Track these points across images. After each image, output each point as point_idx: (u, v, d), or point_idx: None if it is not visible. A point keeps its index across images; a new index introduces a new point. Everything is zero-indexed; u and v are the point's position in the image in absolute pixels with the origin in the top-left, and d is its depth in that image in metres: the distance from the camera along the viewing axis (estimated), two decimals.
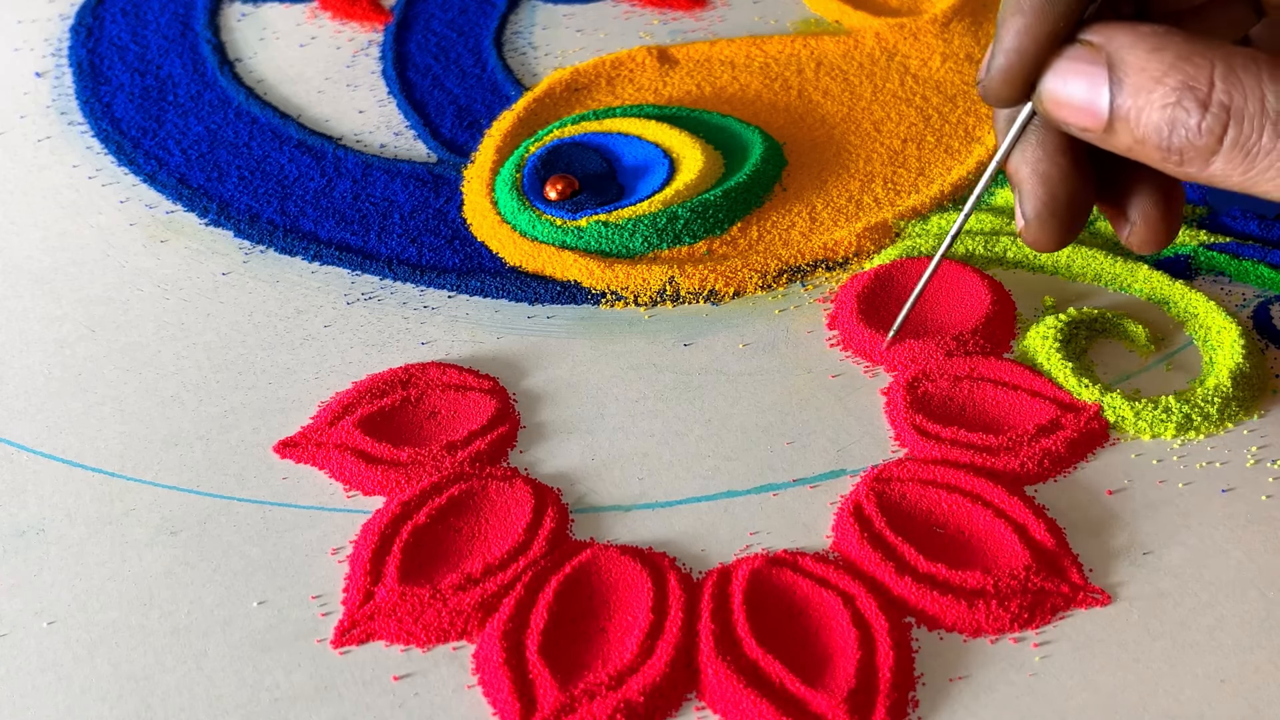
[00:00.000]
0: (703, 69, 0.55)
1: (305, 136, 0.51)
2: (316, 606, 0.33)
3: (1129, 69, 0.29)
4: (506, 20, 0.60)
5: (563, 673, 0.31)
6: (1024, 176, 0.34)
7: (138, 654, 0.32)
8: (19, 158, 0.51)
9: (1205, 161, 0.29)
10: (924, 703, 0.31)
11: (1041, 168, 0.34)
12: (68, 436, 0.38)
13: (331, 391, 0.40)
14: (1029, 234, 0.34)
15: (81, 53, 0.57)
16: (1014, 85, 0.32)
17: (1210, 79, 0.28)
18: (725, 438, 0.38)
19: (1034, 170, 0.34)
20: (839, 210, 0.47)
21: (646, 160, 0.48)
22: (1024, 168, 0.34)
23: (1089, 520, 0.35)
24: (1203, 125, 0.29)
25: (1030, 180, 0.34)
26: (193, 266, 0.45)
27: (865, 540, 0.34)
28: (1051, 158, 0.33)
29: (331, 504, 0.36)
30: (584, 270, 0.44)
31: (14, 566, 0.34)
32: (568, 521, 0.36)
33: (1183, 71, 0.29)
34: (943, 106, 0.52)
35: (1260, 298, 0.43)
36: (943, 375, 0.39)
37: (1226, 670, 0.32)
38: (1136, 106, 0.29)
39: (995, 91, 0.32)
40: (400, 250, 0.46)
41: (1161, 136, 0.29)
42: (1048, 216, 0.34)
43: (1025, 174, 0.34)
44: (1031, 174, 0.34)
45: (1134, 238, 0.35)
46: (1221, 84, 0.28)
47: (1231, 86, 0.28)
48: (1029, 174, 0.34)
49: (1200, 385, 0.39)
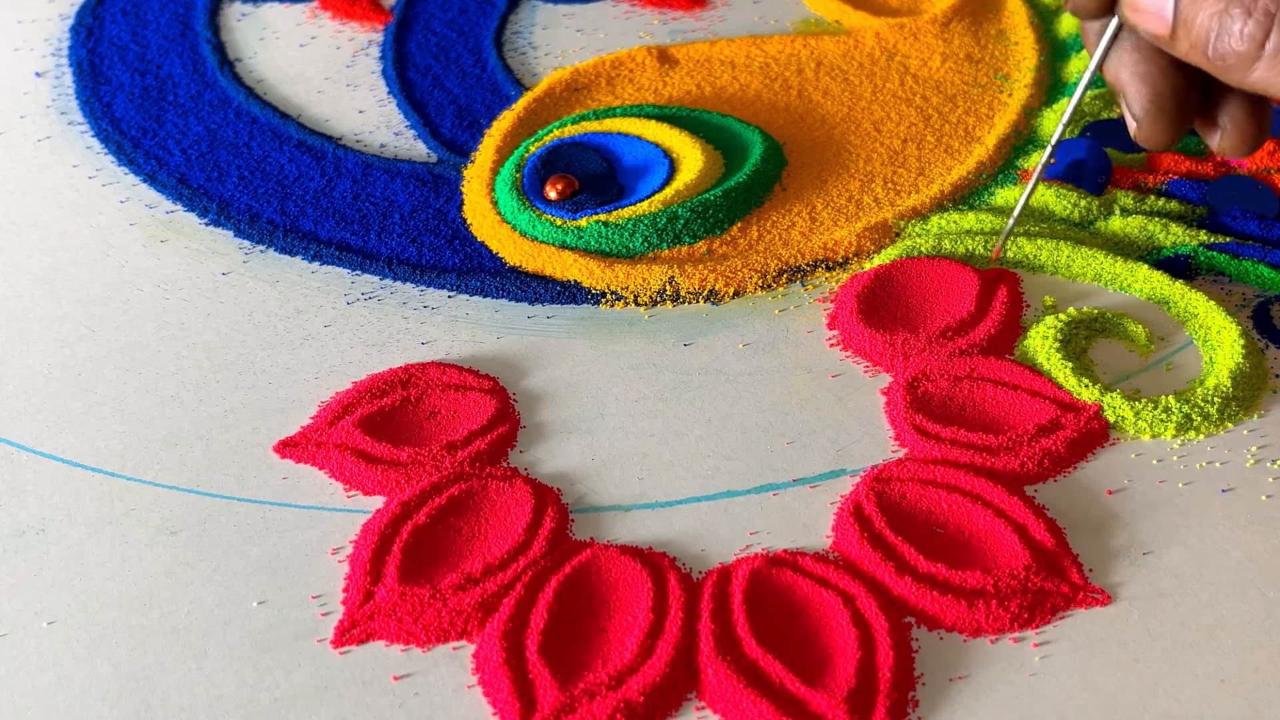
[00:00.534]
0: (703, 69, 0.55)
1: (305, 136, 0.51)
2: (316, 606, 0.33)
3: None
4: (506, 20, 0.60)
5: (563, 673, 0.31)
6: (1125, 80, 0.35)
7: (138, 654, 0.32)
8: (19, 158, 0.51)
9: (1249, 68, 0.31)
10: (924, 703, 0.31)
11: (1141, 69, 0.35)
12: (68, 436, 0.38)
13: (331, 391, 0.40)
14: (1142, 132, 0.36)
15: (81, 53, 0.57)
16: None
17: None
18: (725, 438, 0.38)
19: (1134, 72, 0.35)
20: (839, 210, 0.47)
21: (646, 160, 0.48)
22: (1123, 72, 0.35)
23: (1089, 520, 0.35)
24: (1244, 31, 0.30)
25: (1133, 82, 0.35)
26: (193, 266, 0.45)
27: (865, 540, 0.34)
28: (1150, 58, 0.35)
29: (331, 504, 0.36)
30: (584, 270, 0.44)
31: (14, 566, 0.34)
32: (568, 521, 0.36)
33: None
34: (943, 106, 0.52)
35: (1260, 298, 0.43)
36: (943, 375, 0.39)
37: (1226, 670, 0.32)
38: (1192, 12, 0.31)
39: (1082, 3, 0.34)
40: (400, 250, 0.46)
41: (1208, 40, 0.31)
42: (1156, 112, 0.35)
43: (1126, 77, 0.35)
44: (1132, 76, 0.35)
45: (1225, 142, 0.36)
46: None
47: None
48: (1130, 76, 0.35)
49: (1200, 385, 0.39)
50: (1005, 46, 0.56)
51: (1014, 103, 0.52)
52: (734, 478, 0.37)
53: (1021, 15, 0.57)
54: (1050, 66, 0.55)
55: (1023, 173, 0.48)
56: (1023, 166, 0.49)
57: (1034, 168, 0.47)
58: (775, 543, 0.35)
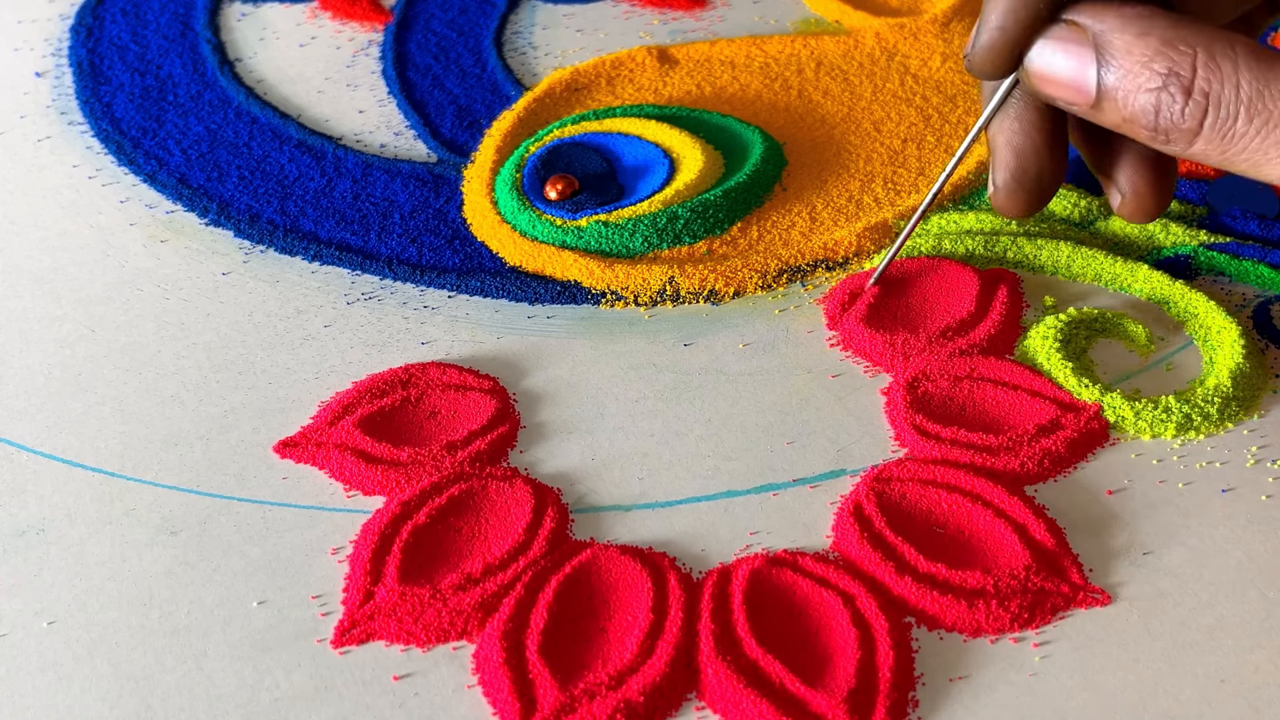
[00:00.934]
0: (703, 69, 0.55)
1: (305, 136, 0.51)
2: (316, 606, 0.33)
3: (1116, 51, 0.31)
4: (506, 20, 0.60)
5: (563, 673, 0.31)
6: (999, 146, 0.35)
7: (138, 654, 0.32)
8: (19, 158, 0.51)
9: (1188, 142, 0.31)
10: (924, 703, 0.31)
11: (1015, 140, 0.35)
12: (68, 436, 0.38)
13: (331, 391, 0.40)
14: (997, 200, 0.36)
15: (81, 53, 0.57)
16: (999, 61, 0.33)
17: (1193, 65, 0.30)
18: (725, 438, 0.38)
19: (1008, 141, 0.35)
20: (839, 210, 0.47)
21: (646, 160, 0.48)
22: (999, 137, 0.35)
23: (1089, 520, 0.35)
24: (1185, 111, 0.30)
25: (1004, 150, 0.35)
26: (193, 266, 0.45)
27: (865, 540, 0.34)
28: (1026, 132, 0.35)
29: (331, 504, 0.36)
30: (584, 270, 0.44)
31: (14, 566, 0.34)
32: (568, 521, 0.36)
33: (1168, 58, 0.30)
34: (943, 106, 0.52)
35: (1260, 298, 0.43)
36: (943, 375, 0.39)
37: (1226, 670, 0.32)
38: (1124, 89, 0.31)
39: (980, 66, 0.33)
40: (400, 250, 0.46)
41: (1148, 118, 0.31)
42: (1015, 187, 0.35)
43: (1000, 144, 0.35)
44: (1005, 145, 0.35)
45: (1124, 209, 0.36)
46: (1203, 71, 0.30)
47: (1211, 74, 0.30)
48: (1003, 144, 0.35)
49: (1200, 385, 0.39)
50: None
51: None
52: (734, 478, 0.37)
53: None
54: None
55: None
56: None
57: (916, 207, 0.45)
58: (775, 543, 0.35)
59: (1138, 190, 0.35)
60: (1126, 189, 0.35)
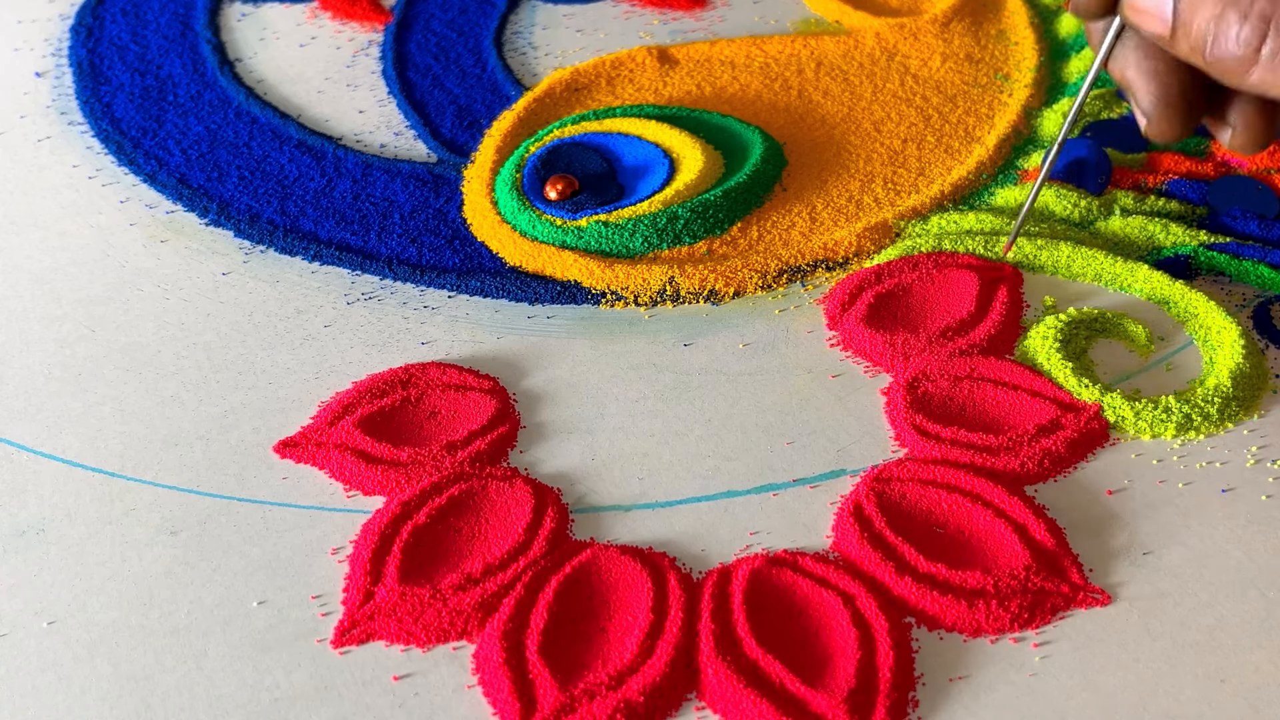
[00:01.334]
0: (703, 69, 0.55)
1: (305, 136, 0.51)
2: (316, 606, 0.33)
3: None
4: (506, 20, 0.60)
5: (563, 673, 0.31)
6: (1132, 77, 0.36)
7: (138, 654, 0.32)
8: (19, 158, 0.51)
9: (1246, 71, 0.31)
10: (924, 703, 0.31)
11: (1147, 65, 0.35)
12: (68, 436, 0.38)
13: (331, 391, 0.40)
14: (1153, 128, 0.36)
15: (81, 53, 0.57)
16: None
17: None
18: (725, 438, 0.38)
19: (1140, 69, 0.36)
20: (839, 210, 0.47)
21: (646, 160, 0.48)
22: (1129, 69, 0.36)
23: (1089, 520, 0.35)
24: (1240, 35, 0.31)
25: (1140, 79, 0.36)
26: (193, 266, 0.45)
27: (865, 540, 0.34)
28: (1156, 55, 0.35)
29: (331, 504, 0.36)
30: (584, 270, 0.44)
31: (14, 566, 0.34)
32: (568, 521, 0.36)
33: None
34: (943, 106, 0.52)
35: (1260, 298, 0.43)
36: (943, 375, 0.39)
37: (1226, 670, 0.32)
38: (1190, 15, 0.32)
39: (1084, 4, 0.35)
40: (400, 250, 0.46)
41: (1206, 45, 0.31)
42: (1165, 107, 0.36)
43: (1133, 74, 0.36)
44: (1139, 73, 0.36)
45: (1235, 140, 0.36)
46: None
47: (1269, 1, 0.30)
48: (1136, 73, 0.36)
49: (1200, 385, 0.39)
50: (1005, 46, 0.56)
51: (1014, 103, 0.52)
52: (734, 478, 0.37)
53: (1021, 15, 0.57)
54: (1050, 67, 0.55)
55: (1024, 173, 0.48)
56: (1023, 167, 0.49)
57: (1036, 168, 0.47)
58: (775, 543, 0.35)
59: (1249, 121, 0.36)
60: (1238, 121, 0.36)
